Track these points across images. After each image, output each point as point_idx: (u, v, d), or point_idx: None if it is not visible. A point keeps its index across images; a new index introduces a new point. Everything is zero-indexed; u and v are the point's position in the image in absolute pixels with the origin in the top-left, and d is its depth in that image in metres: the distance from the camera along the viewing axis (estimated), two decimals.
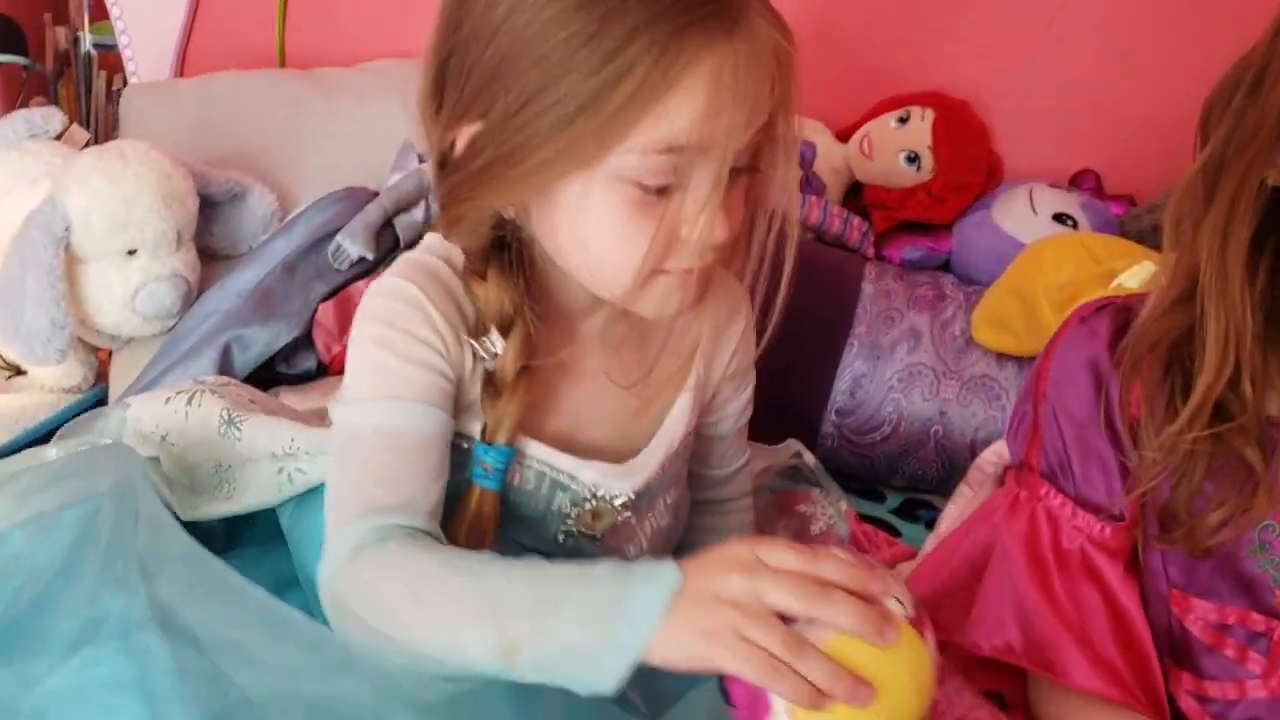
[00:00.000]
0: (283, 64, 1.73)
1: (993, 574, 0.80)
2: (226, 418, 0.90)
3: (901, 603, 0.62)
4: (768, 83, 0.70)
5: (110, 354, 1.39)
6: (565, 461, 0.81)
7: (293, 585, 0.88)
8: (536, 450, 0.80)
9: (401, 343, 0.76)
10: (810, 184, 1.52)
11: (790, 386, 1.30)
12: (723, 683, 0.64)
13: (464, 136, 0.73)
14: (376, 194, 1.36)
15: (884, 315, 1.33)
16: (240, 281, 1.29)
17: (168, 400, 0.94)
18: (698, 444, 0.93)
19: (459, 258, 0.79)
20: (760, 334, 0.84)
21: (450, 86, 0.73)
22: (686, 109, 0.68)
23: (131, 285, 1.30)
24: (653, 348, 0.84)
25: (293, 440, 0.84)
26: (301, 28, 1.74)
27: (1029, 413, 0.82)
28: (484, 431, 0.78)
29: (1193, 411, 0.71)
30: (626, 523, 0.84)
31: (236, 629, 0.76)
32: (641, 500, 0.84)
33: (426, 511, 0.76)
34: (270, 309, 1.25)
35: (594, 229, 0.72)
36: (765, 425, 1.17)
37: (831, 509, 1.13)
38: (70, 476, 0.84)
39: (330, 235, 1.30)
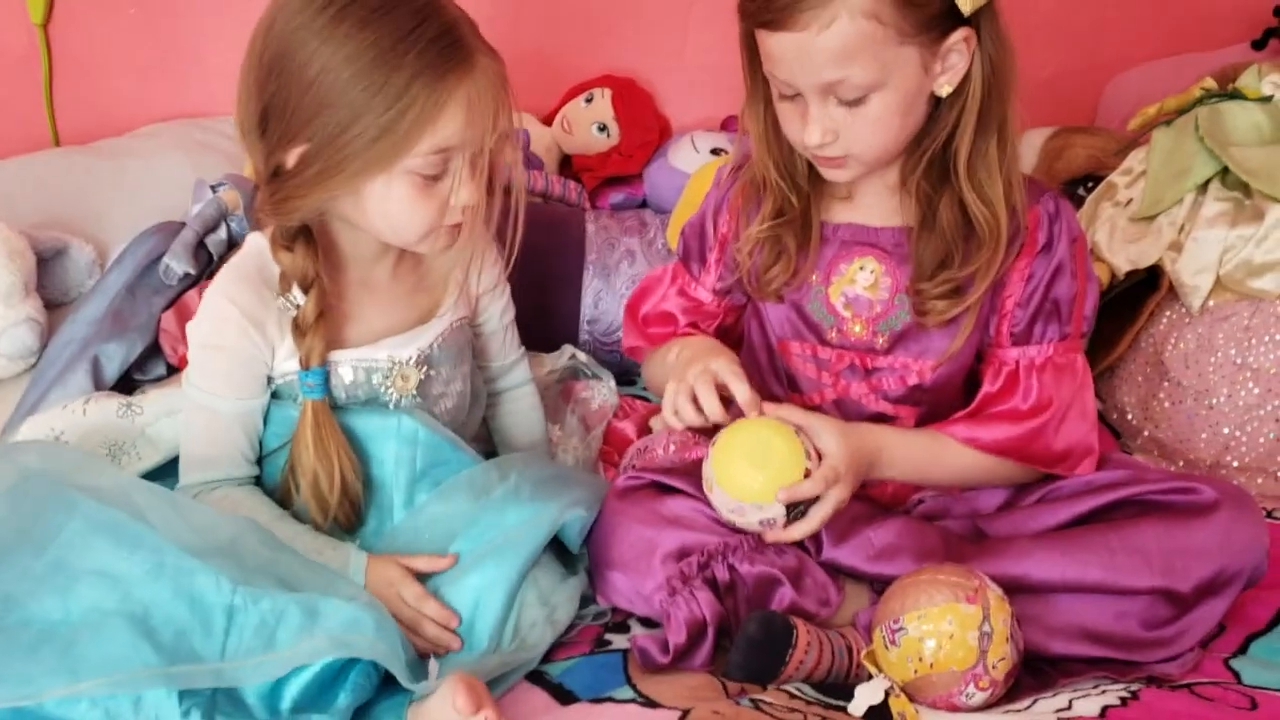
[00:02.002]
0: (58, 144, 1.97)
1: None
2: (126, 404, 1.24)
3: None
4: (499, 97, 1.09)
5: None
6: (366, 351, 1.18)
7: None
8: (350, 354, 1.17)
9: (218, 351, 1.15)
10: (531, 162, 1.91)
11: (552, 309, 1.69)
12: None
13: (294, 156, 1.08)
14: (184, 224, 1.66)
15: (607, 244, 1.74)
16: (89, 312, 1.55)
17: (65, 407, 1.28)
18: (479, 343, 1.33)
19: (266, 245, 1.15)
20: (509, 259, 1.23)
21: (274, 119, 1.07)
22: (451, 126, 1.06)
23: None
24: (426, 272, 1.23)
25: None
26: (68, 110, 1.96)
27: (689, 227, 1.30)
28: (302, 362, 1.13)
29: (762, 216, 1.20)
30: (430, 380, 1.21)
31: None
32: (430, 361, 1.21)
33: (246, 460, 1.16)
34: (122, 326, 1.53)
35: (392, 208, 1.10)
36: (540, 340, 1.60)
37: (605, 389, 1.55)
38: None
39: (157, 260, 1.58)
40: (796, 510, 1.09)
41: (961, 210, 1.14)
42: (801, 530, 1.09)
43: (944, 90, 1.10)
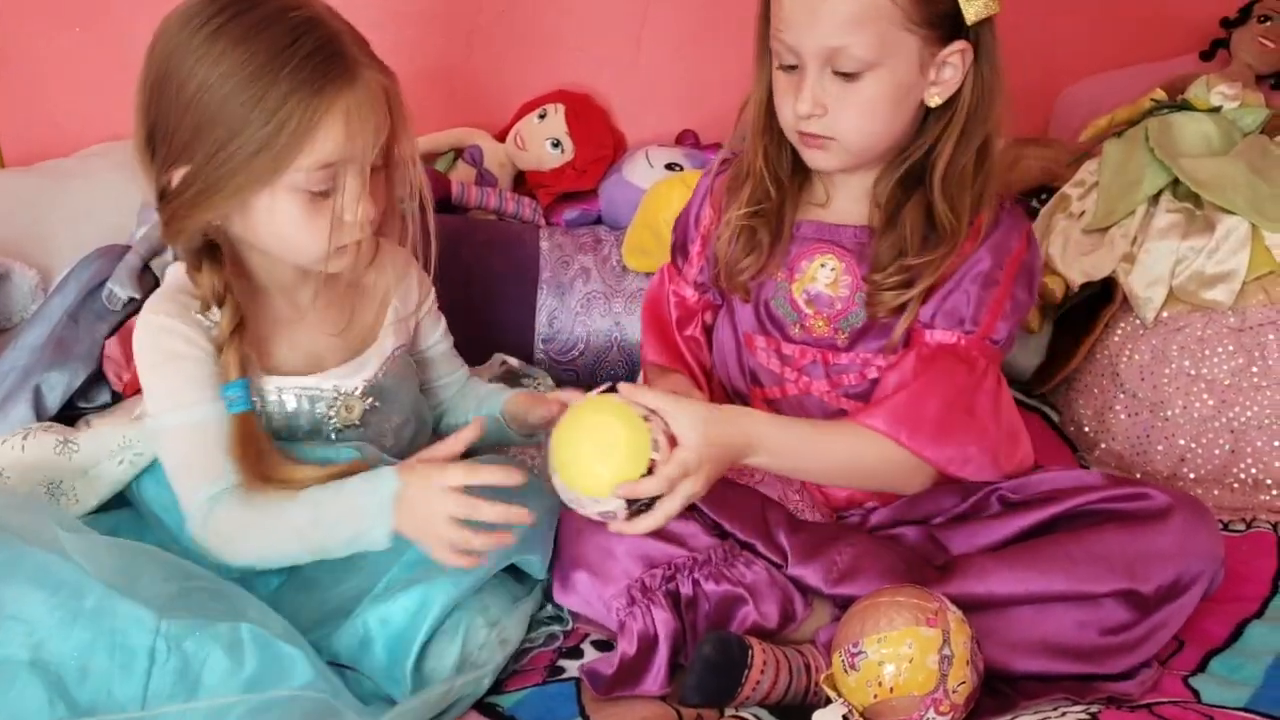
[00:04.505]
0: (2, 165, 1.94)
1: None
2: (62, 440, 1.21)
3: None
4: (382, 110, 1.08)
5: None
6: (309, 380, 1.16)
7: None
8: (287, 381, 1.15)
9: (171, 362, 1.11)
10: (484, 179, 1.89)
11: (505, 328, 1.68)
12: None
13: (177, 176, 1.07)
14: (129, 247, 1.62)
15: (561, 262, 1.73)
16: (30, 339, 1.51)
17: (3, 441, 1.24)
18: (424, 366, 1.31)
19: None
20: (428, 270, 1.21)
21: (160, 142, 1.07)
22: (331, 139, 1.05)
23: None
24: (355, 296, 1.21)
25: (125, 437, 1.16)
26: (13, 130, 1.93)
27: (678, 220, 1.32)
28: (220, 376, 1.10)
29: (740, 202, 1.20)
30: (375, 410, 1.19)
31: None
32: (376, 392, 1.19)
33: (235, 467, 1.09)
34: (65, 354, 1.49)
35: (281, 226, 1.08)
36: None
37: (544, 387, 1.53)
38: None
39: (100, 285, 1.55)
40: (640, 503, 1.03)
41: (926, 213, 1.15)
42: (645, 525, 1.03)
43: (934, 101, 1.11)
